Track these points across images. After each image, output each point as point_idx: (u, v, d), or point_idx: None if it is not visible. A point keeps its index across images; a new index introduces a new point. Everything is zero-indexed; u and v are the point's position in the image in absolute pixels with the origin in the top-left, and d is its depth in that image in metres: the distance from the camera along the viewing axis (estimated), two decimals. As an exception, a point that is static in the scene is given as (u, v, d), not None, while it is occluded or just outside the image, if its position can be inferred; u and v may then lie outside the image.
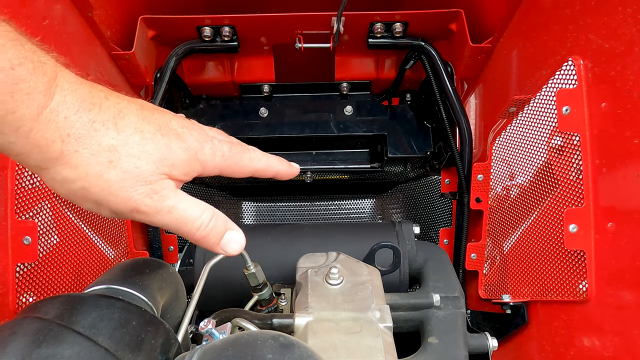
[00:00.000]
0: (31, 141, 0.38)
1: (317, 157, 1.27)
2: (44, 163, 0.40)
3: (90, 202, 0.43)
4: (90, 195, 0.42)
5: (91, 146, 0.40)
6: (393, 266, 0.83)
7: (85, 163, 0.40)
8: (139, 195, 0.43)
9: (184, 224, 0.47)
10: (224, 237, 0.51)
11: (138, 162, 0.43)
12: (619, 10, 0.66)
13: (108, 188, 0.42)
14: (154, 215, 0.45)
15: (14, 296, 0.75)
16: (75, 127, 0.39)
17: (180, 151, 0.46)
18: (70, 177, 0.41)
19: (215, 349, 0.46)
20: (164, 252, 1.14)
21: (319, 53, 1.06)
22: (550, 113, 0.82)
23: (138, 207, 0.44)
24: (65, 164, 0.40)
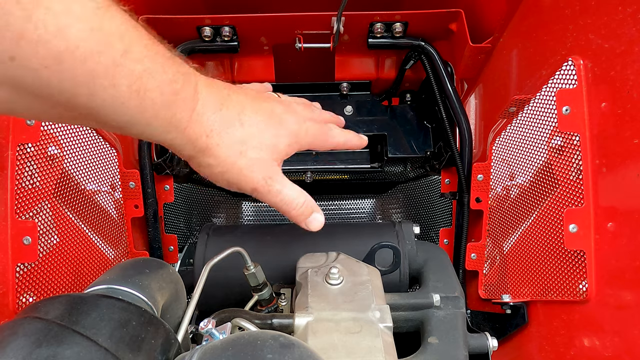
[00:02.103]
0: (186, 137, 0.50)
1: (317, 157, 1.27)
2: (195, 153, 0.52)
3: (224, 182, 0.56)
4: (226, 177, 0.55)
5: (227, 140, 0.53)
6: (393, 266, 0.83)
7: (224, 154, 0.53)
8: (259, 179, 0.56)
9: (286, 203, 0.60)
10: (310, 217, 0.63)
11: (260, 152, 0.56)
12: (619, 10, 0.66)
13: (239, 172, 0.55)
14: (266, 194, 0.58)
15: (14, 296, 0.75)
16: (214, 125, 0.52)
17: (285, 137, 0.59)
18: (213, 164, 0.54)
19: (215, 349, 0.46)
20: (164, 252, 1.14)
21: (319, 53, 1.06)
22: (550, 113, 0.82)
23: (257, 187, 0.57)
24: (210, 154, 0.52)
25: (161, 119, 0.45)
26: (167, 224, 1.17)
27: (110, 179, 1.01)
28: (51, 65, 0.35)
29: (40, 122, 0.79)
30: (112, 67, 0.39)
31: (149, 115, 0.44)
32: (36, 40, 0.34)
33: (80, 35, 0.36)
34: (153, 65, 0.42)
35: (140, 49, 0.41)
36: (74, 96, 0.38)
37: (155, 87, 0.43)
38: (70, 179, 0.89)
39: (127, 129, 0.45)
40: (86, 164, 0.94)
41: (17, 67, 0.34)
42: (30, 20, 0.33)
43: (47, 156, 0.83)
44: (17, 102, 0.38)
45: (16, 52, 0.33)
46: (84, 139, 0.93)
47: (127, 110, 0.42)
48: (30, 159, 0.79)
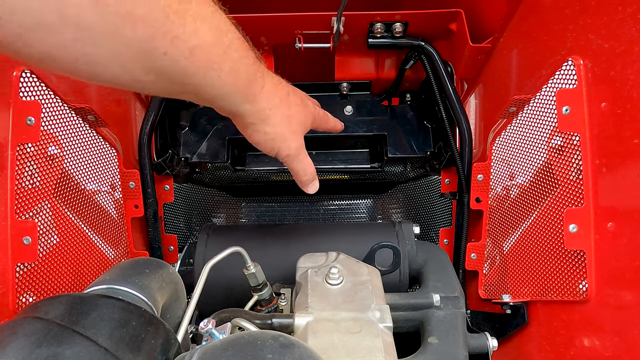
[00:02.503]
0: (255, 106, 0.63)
1: (317, 157, 1.27)
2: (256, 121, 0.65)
3: (269, 147, 0.70)
4: (274, 144, 0.70)
5: (280, 113, 0.67)
6: (393, 266, 0.83)
7: (278, 124, 0.68)
8: (295, 146, 0.72)
9: (303, 169, 0.76)
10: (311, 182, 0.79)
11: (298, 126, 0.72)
12: (619, 10, 0.66)
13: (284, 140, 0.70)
14: (294, 159, 0.73)
15: (14, 296, 0.75)
16: (274, 101, 0.66)
17: (309, 117, 0.76)
18: (269, 131, 0.67)
19: (215, 349, 0.46)
20: (164, 252, 1.14)
21: (319, 53, 1.06)
22: (550, 113, 0.82)
23: (291, 153, 0.72)
24: (268, 123, 0.66)
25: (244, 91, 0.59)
26: (167, 224, 1.17)
27: (110, 179, 1.01)
28: (188, 56, 0.48)
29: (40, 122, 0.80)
30: (222, 55, 0.52)
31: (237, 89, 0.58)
32: (184, 39, 0.46)
33: (206, 33, 0.49)
34: (244, 52, 0.56)
35: (237, 42, 0.54)
36: (193, 76, 0.51)
37: (244, 69, 0.57)
38: (70, 179, 0.89)
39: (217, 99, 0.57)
40: (86, 164, 0.94)
41: (167, 59, 0.46)
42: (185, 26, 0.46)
43: (47, 156, 0.83)
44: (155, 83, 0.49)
45: (169, 49, 0.46)
46: (84, 139, 0.93)
47: (224, 85, 0.55)
48: (30, 159, 0.79)
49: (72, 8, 0.38)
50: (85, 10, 0.39)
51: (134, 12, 0.41)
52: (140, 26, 0.42)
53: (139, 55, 0.45)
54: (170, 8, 0.44)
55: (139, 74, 0.47)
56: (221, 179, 1.27)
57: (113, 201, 1.02)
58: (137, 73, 0.47)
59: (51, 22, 0.38)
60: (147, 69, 0.47)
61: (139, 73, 0.47)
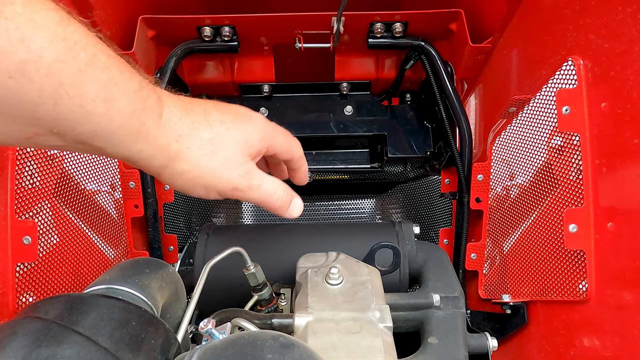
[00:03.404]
0: (155, 146, 0.48)
1: (317, 157, 1.27)
2: (165, 162, 0.50)
3: (201, 188, 0.54)
4: (202, 182, 0.53)
5: (197, 142, 0.51)
6: (393, 266, 0.83)
7: (196, 156, 0.51)
8: (237, 176, 0.54)
9: (268, 197, 0.58)
10: (291, 204, 0.62)
11: (230, 149, 0.54)
12: (619, 10, 0.66)
13: (215, 173, 0.53)
14: (248, 191, 0.56)
15: (14, 296, 0.75)
16: (183, 128, 0.50)
17: (255, 132, 0.57)
18: (187, 169, 0.51)
19: (215, 349, 0.46)
20: (164, 252, 1.14)
21: (319, 53, 1.06)
22: (550, 113, 0.82)
23: (237, 186, 0.55)
24: (181, 160, 0.51)
25: (129, 128, 0.45)
26: (167, 224, 1.17)
27: (110, 178, 1.01)
28: (15, 76, 0.35)
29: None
30: (77, 75, 0.39)
31: (117, 125, 0.43)
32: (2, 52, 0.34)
33: (43, 45, 0.36)
34: (119, 75, 0.43)
35: (104, 59, 0.42)
36: (39, 106, 0.38)
37: (123, 95, 0.43)
38: (70, 179, 0.89)
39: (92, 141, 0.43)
40: (86, 163, 0.94)
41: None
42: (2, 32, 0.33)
43: (47, 156, 0.83)
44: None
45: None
46: (84, 139, 0.93)
47: (94, 119, 0.41)
48: (30, 159, 0.79)
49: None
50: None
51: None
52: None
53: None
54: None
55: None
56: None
57: (113, 201, 1.02)
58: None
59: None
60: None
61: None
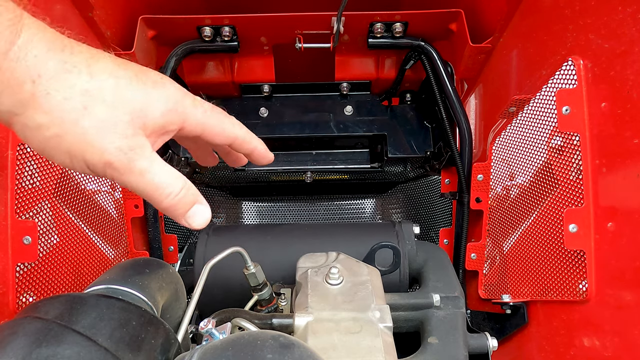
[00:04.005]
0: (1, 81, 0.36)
1: (317, 157, 1.27)
2: (15, 107, 0.38)
3: (63, 154, 0.40)
4: (65, 145, 0.40)
5: (64, 89, 0.38)
6: (393, 266, 0.83)
7: (59, 107, 0.38)
8: (114, 149, 0.40)
9: (154, 189, 0.44)
10: (191, 210, 0.48)
11: (114, 111, 0.40)
12: (619, 10, 0.66)
13: (83, 136, 0.39)
14: (126, 174, 0.42)
15: (14, 296, 0.75)
16: (46, 67, 0.38)
17: (158, 100, 0.43)
18: (44, 122, 0.38)
19: (215, 349, 0.46)
20: (164, 252, 1.14)
21: (319, 53, 1.06)
22: (550, 113, 0.82)
23: (112, 161, 0.41)
24: (38, 107, 0.38)
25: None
26: (167, 224, 1.17)
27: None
28: None
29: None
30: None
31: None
32: None
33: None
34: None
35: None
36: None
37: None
38: (70, 179, 0.89)
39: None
40: (86, 164, 0.94)
41: None
42: None
43: (47, 156, 0.83)
44: None
45: None
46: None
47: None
48: (30, 159, 0.79)
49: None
50: None
51: None
52: None
53: None
54: None
55: None
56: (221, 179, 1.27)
57: (113, 201, 1.02)
58: None
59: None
60: None
61: None
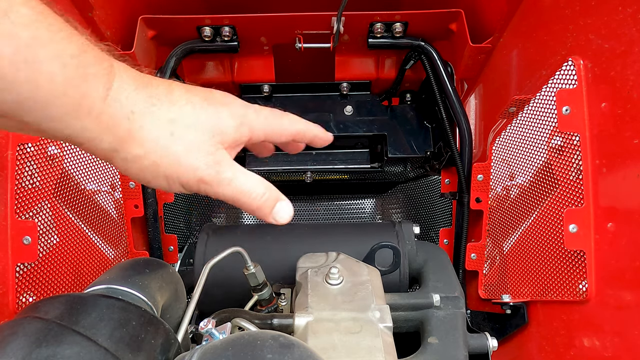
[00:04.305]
0: (102, 123, 0.40)
1: (317, 157, 1.27)
2: (115, 144, 0.42)
3: (161, 178, 0.46)
4: (161, 171, 0.45)
5: (153, 120, 0.43)
6: (393, 266, 0.83)
7: (151, 138, 0.43)
8: (204, 166, 0.46)
9: (242, 194, 0.49)
10: (275, 207, 0.54)
11: (196, 133, 0.45)
12: (619, 11, 0.66)
13: (176, 160, 0.44)
14: (217, 185, 0.47)
15: (14, 296, 0.75)
16: (136, 104, 0.42)
17: (228, 117, 0.49)
18: (141, 153, 0.43)
19: (215, 349, 0.46)
20: (164, 252, 1.14)
21: (319, 53, 1.06)
22: (550, 113, 0.82)
23: (203, 177, 0.46)
24: (134, 141, 0.42)
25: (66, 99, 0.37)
26: (167, 224, 1.17)
27: (110, 178, 1.01)
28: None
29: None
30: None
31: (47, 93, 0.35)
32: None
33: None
34: (49, 34, 0.35)
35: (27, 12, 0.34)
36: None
37: (53, 59, 0.35)
38: (70, 179, 0.89)
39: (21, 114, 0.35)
40: (86, 163, 0.94)
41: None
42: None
43: (47, 156, 0.83)
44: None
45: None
46: (84, 139, 0.93)
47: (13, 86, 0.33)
48: (30, 159, 0.79)
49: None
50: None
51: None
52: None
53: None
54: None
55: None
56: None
57: (113, 201, 1.02)
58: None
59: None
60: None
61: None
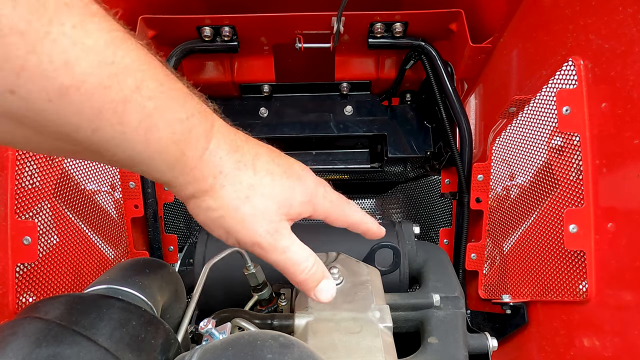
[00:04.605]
0: (191, 177, 0.46)
1: (317, 157, 1.27)
2: (196, 194, 0.47)
3: (222, 230, 0.50)
4: (225, 224, 0.49)
5: (235, 183, 0.48)
6: (393, 266, 0.83)
7: (228, 197, 0.48)
8: (263, 232, 0.50)
9: (292, 264, 0.52)
10: (320, 284, 0.55)
11: (267, 201, 0.50)
12: (619, 10, 0.66)
13: (241, 220, 0.49)
14: (270, 252, 0.51)
15: (14, 296, 0.75)
16: (225, 166, 0.47)
17: (300, 193, 0.53)
18: (213, 206, 0.48)
19: (215, 349, 0.46)
20: (164, 252, 1.14)
21: (319, 53, 1.06)
22: (550, 113, 0.82)
23: (260, 242, 0.50)
24: (212, 195, 0.47)
25: (168, 155, 0.42)
26: (167, 224, 1.17)
27: (110, 179, 1.01)
28: (55, 99, 0.33)
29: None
30: (121, 103, 0.37)
31: (154, 152, 0.41)
32: (39, 73, 0.32)
33: (88, 70, 0.34)
34: (168, 103, 0.40)
35: (154, 85, 0.39)
36: (78, 131, 0.36)
37: (167, 125, 0.41)
38: (70, 179, 0.89)
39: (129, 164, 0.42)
40: (86, 164, 0.94)
41: (17, 100, 0.33)
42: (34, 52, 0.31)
43: (47, 156, 0.83)
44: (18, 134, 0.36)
45: (16, 85, 0.32)
46: (84, 139, 0.93)
47: (132, 146, 0.39)
48: (30, 159, 0.79)
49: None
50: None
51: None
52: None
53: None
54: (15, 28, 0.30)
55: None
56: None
57: (113, 201, 1.02)
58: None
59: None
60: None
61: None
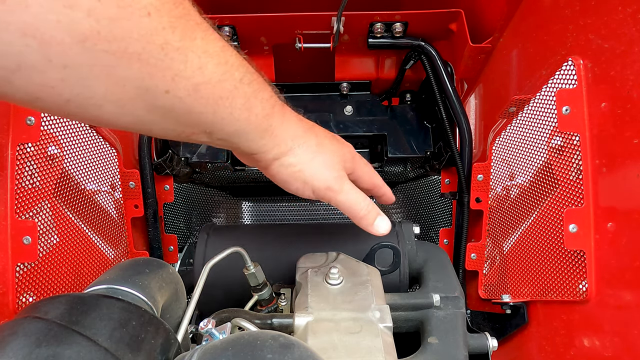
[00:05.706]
0: (275, 140, 0.59)
1: None
2: (279, 155, 0.61)
3: (300, 182, 0.63)
4: (302, 176, 0.63)
5: (307, 143, 0.62)
6: (393, 266, 0.83)
7: (303, 153, 0.62)
8: (332, 178, 0.64)
9: (353, 203, 0.67)
10: (377, 220, 0.70)
11: (332, 155, 0.65)
12: (619, 10, 0.66)
13: (316, 170, 0.63)
14: (338, 193, 0.65)
15: (14, 296, 0.75)
16: (298, 131, 0.62)
17: (347, 153, 0.69)
18: (293, 162, 0.62)
19: (215, 349, 0.46)
20: (164, 252, 1.14)
21: (319, 53, 1.06)
22: (550, 113, 0.82)
23: (332, 186, 0.64)
24: (292, 155, 0.61)
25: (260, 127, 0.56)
26: (167, 224, 1.17)
27: (110, 178, 1.01)
28: (192, 94, 0.46)
29: (40, 122, 0.79)
30: (232, 90, 0.50)
31: (254, 124, 0.55)
32: (187, 77, 0.44)
33: (214, 69, 0.47)
34: (259, 87, 0.54)
35: (250, 76, 0.52)
36: (203, 114, 0.49)
37: (259, 103, 0.54)
38: (70, 179, 0.89)
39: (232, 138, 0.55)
40: (86, 163, 0.94)
41: (169, 98, 0.45)
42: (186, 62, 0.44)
43: (47, 156, 0.83)
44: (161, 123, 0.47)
45: (171, 87, 0.44)
46: (84, 139, 0.93)
47: (238, 123, 0.53)
48: (30, 158, 0.79)
49: (56, 47, 0.35)
50: (71, 48, 0.36)
51: (127, 50, 0.39)
52: (136, 64, 0.40)
53: (137, 94, 0.42)
54: (169, 46, 0.41)
55: (141, 113, 0.45)
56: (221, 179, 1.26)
57: (113, 201, 1.02)
58: (139, 113, 0.45)
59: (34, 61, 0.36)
60: (148, 109, 0.45)
61: (141, 113, 0.45)
